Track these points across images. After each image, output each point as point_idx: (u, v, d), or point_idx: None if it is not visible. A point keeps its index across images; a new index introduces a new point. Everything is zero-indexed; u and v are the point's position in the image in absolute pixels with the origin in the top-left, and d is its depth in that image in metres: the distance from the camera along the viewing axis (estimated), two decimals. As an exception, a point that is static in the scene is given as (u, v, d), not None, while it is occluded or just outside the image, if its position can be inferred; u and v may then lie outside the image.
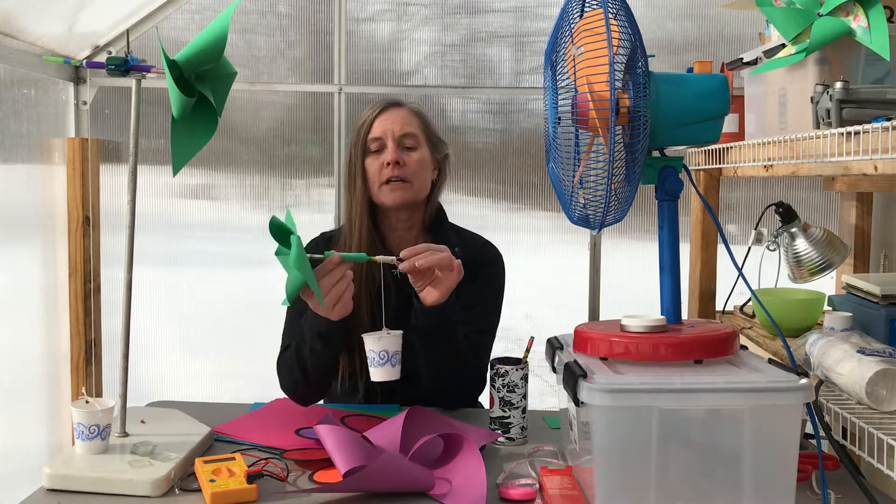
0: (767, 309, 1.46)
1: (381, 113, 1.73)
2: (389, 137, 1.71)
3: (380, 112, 1.74)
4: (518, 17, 2.67)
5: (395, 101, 1.77)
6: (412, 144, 1.73)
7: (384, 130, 1.71)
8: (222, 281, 2.72)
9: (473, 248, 1.80)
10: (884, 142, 1.15)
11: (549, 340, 1.38)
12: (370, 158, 1.72)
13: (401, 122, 1.73)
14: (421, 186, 1.74)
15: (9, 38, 2.19)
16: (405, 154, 1.71)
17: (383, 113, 1.73)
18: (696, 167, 2.19)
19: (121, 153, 2.64)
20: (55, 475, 1.28)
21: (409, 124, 1.74)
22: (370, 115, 1.74)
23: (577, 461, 1.29)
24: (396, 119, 1.73)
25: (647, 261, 2.52)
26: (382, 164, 1.70)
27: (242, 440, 1.50)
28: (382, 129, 1.72)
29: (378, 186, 1.71)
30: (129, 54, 1.42)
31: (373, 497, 1.26)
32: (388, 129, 1.71)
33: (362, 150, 1.72)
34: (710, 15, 2.61)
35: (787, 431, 1.11)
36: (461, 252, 1.64)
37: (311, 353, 1.57)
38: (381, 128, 1.72)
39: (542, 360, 1.39)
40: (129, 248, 1.45)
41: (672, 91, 1.26)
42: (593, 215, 1.27)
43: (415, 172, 1.71)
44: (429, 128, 1.79)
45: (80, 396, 1.38)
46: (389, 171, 1.69)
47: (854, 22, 1.44)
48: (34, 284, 2.41)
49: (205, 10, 2.63)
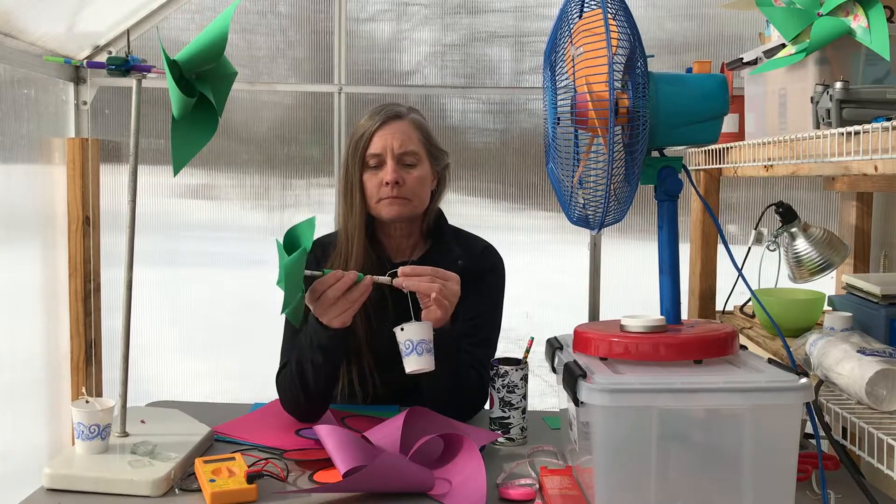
0: (767, 309, 1.46)
1: (380, 127, 1.66)
2: (389, 155, 1.65)
3: (379, 126, 1.67)
4: (518, 17, 2.67)
5: (395, 114, 1.69)
6: (412, 161, 1.67)
7: (384, 147, 1.65)
8: (222, 281, 2.72)
9: (474, 253, 1.77)
10: (884, 142, 1.15)
11: (549, 340, 1.38)
12: (368, 174, 1.67)
13: (401, 137, 1.66)
14: (420, 202, 1.70)
15: (9, 38, 2.19)
16: (405, 172, 1.66)
17: (383, 127, 1.66)
18: (696, 167, 2.19)
19: (121, 153, 2.65)
20: (55, 475, 1.28)
21: (410, 140, 1.67)
22: (369, 128, 1.67)
23: (577, 461, 1.29)
24: (396, 134, 1.66)
25: (647, 261, 2.50)
26: (381, 181, 1.65)
27: (242, 440, 1.50)
28: (382, 144, 1.65)
29: (376, 202, 1.67)
30: (129, 54, 1.42)
31: (373, 497, 1.26)
32: (387, 145, 1.65)
33: (360, 164, 1.67)
34: (710, 15, 2.61)
35: (787, 431, 1.11)
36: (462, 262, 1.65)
37: (311, 367, 1.54)
38: (380, 143, 1.65)
39: (542, 360, 1.39)
40: (129, 248, 1.45)
41: (671, 91, 1.26)
42: (593, 215, 1.27)
43: (414, 190, 1.67)
44: (430, 140, 1.73)
45: (80, 396, 1.38)
46: (388, 191, 1.64)
47: (854, 22, 1.44)
48: (34, 284, 2.41)
49: (205, 10, 2.63)
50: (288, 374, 1.60)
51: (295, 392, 1.58)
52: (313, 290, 1.46)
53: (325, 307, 1.46)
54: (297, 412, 1.62)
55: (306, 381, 1.56)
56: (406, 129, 1.69)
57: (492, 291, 1.76)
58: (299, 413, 1.62)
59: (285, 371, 1.62)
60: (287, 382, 1.60)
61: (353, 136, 1.70)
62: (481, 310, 1.71)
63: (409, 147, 1.67)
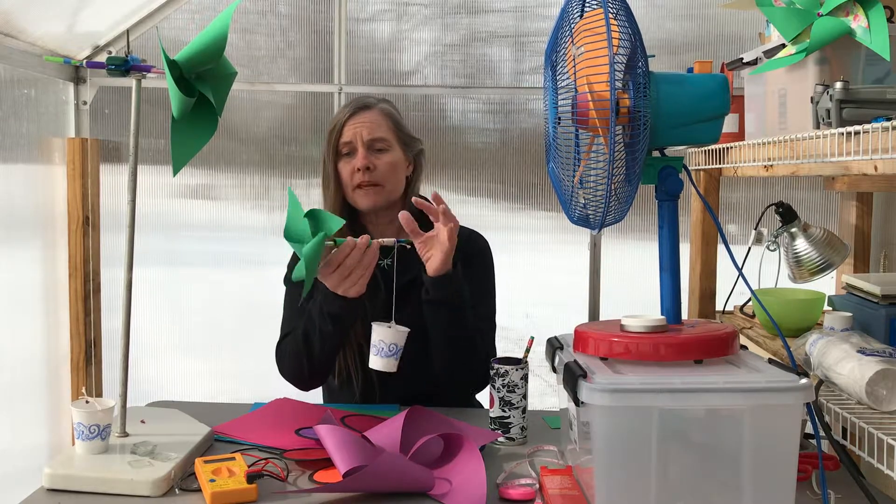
0: (767, 309, 1.46)
1: (351, 117, 1.76)
2: (359, 142, 1.74)
3: (350, 116, 1.76)
4: (518, 17, 2.67)
5: (364, 104, 1.78)
6: (382, 147, 1.76)
7: (354, 135, 1.75)
8: (222, 281, 2.72)
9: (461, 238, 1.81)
10: (884, 142, 1.15)
11: (549, 340, 1.38)
12: (342, 162, 1.76)
13: (370, 125, 1.75)
14: (394, 188, 1.78)
15: (9, 38, 2.19)
16: (375, 157, 1.75)
17: (353, 117, 1.76)
18: (696, 167, 2.19)
19: (121, 153, 2.64)
20: (55, 475, 1.28)
21: (379, 128, 1.76)
22: (340, 119, 1.77)
23: (577, 461, 1.29)
24: (365, 122, 1.75)
25: (647, 261, 2.52)
26: (354, 168, 1.74)
27: (242, 440, 1.50)
28: (352, 133, 1.75)
29: (352, 190, 1.76)
30: (129, 54, 1.42)
31: (373, 497, 1.26)
32: (357, 132, 1.74)
33: (334, 154, 1.77)
34: (710, 15, 2.61)
35: (787, 431, 1.11)
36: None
37: (319, 336, 1.61)
38: (350, 132, 1.75)
39: (542, 360, 1.39)
40: (129, 248, 1.45)
41: (672, 91, 1.26)
42: (593, 215, 1.27)
43: (386, 175, 1.75)
44: (400, 127, 1.81)
45: (80, 396, 1.38)
46: (360, 177, 1.73)
47: (854, 22, 1.44)
48: (34, 284, 2.41)
49: (205, 10, 2.63)
50: (292, 341, 1.67)
51: (299, 360, 1.65)
52: (329, 264, 1.51)
53: (342, 278, 1.52)
54: (299, 380, 1.71)
55: (312, 349, 1.63)
56: (375, 117, 1.77)
57: (482, 269, 1.84)
58: (301, 381, 1.71)
59: (289, 338, 1.70)
60: (290, 350, 1.67)
61: (328, 128, 1.79)
62: (475, 285, 1.78)
63: (378, 133, 1.76)
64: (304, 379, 1.70)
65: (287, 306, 1.80)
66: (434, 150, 2.61)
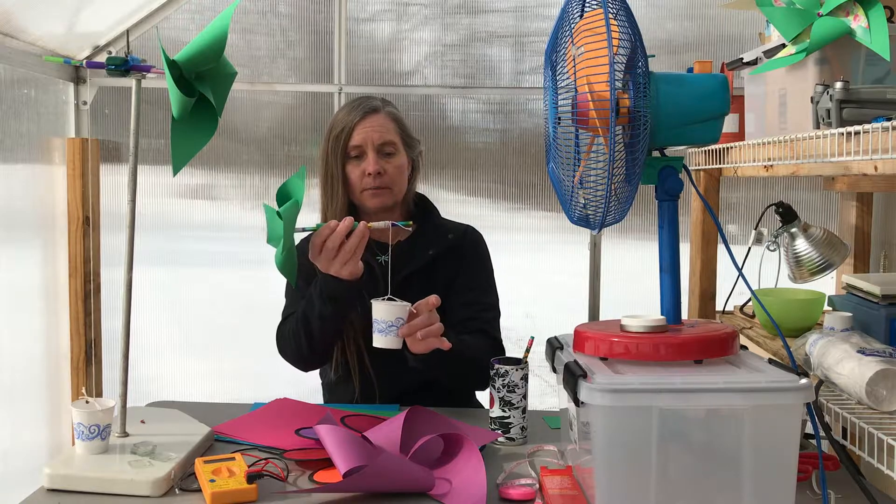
0: (767, 309, 1.46)
1: (360, 121, 1.77)
2: (370, 146, 1.76)
3: (360, 119, 1.77)
4: (518, 17, 2.67)
5: (372, 107, 1.80)
6: (391, 151, 1.79)
7: (364, 139, 1.76)
8: (222, 281, 2.72)
9: (458, 233, 1.89)
10: (884, 142, 1.15)
11: (549, 340, 1.38)
12: (351, 165, 1.78)
13: (380, 130, 1.78)
14: (400, 189, 1.82)
15: (9, 38, 2.19)
16: (385, 162, 1.78)
17: (363, 120, 1.77)
18: (696, 167, 2.19)
19: (121, 153, 2.64)
20: (55, 475, 1.28)
21: (388, 132, 1.79)
22: (350, 122, 1.78)
23: (577, 461, 1.29)
24: (375, 127, 1.78)
25: (647, 261, 2.52)
26: (364, 172, 1.76)
27: (242, 440, 1.50)
28: (363, 137, 1.76)
29: (360, 192, 1.78)
30: (129, 54, 1.42)
31: (373, 497, 1.26)
32: (368, 137, 1.76)
33: (343, 156, 1.78)
34: (710, 15, 2.61)
35: (787, 431, 1.11)
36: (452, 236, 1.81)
37: (319, 319, 1.63)
38: (361, 136, 1.77)
39: (542, 360, 1.39)
40: (129, 248, 1.45)
41: (672, 91, 1.26)
42: (593, 215, 1.27)
43: (394, 179, 1.79)
44: (404, 131, 1.85)
45: (80, 396, 1.38)
46: (371, 181, 1.76)
47: (854, 22, 1.44)
48: (34, 284, 2.41)
49: (205, 10, 2.63)
50: (293, 323, 1.70)
51: (299, 342, 1.68)
52: (313, 246, 1.53)
53: (329, 259, 1.53)
54: (298, 361, 1.75)
55: (312, 332, 1.65)
56: (383, 121, 1.80)
57: (479, 260, 1.88)
58: (300, 362, 1.75)
59: (290, 320, 1.74)
60: (291, 332, 1.71)
61: (333, 129, 1.80)
62: (476, 277, 1.84)
63: (387, 138, 1.79)
64: (303, 359, 1.74)
65: (288, 293, 1.84)
66: (434, 150, 2.61)
